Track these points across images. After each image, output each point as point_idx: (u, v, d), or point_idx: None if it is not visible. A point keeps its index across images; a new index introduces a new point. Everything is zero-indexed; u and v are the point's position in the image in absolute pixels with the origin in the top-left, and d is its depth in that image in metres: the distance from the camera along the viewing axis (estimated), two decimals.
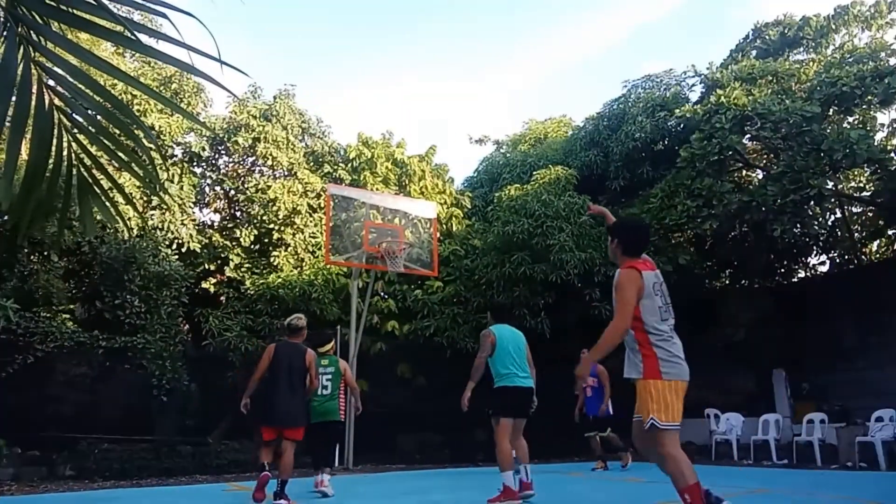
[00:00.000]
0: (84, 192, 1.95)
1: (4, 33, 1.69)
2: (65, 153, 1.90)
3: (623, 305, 3.41)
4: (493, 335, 5.61)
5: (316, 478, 6.55)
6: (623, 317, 3.39)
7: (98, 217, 2.01)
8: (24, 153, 1.90)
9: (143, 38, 1.86)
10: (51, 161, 1.86)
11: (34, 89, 1.74)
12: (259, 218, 12.64)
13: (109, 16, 1.66)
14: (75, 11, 1.73)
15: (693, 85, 14.59)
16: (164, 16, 1.67)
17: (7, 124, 1.68)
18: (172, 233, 11.55)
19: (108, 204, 2.02)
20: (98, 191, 2.01)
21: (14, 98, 1.64)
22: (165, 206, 11.42)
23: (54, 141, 1.85)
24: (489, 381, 5.61)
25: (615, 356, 3.74)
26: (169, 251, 11.09)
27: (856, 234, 13.57)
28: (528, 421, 5.70)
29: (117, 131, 2.00)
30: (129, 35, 1.68)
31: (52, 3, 1.75)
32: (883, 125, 13.17)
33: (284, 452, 5.66)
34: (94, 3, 1.66)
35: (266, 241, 12.81)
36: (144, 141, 2.08)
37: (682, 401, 3.41)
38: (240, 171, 13.69)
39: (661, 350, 3.40)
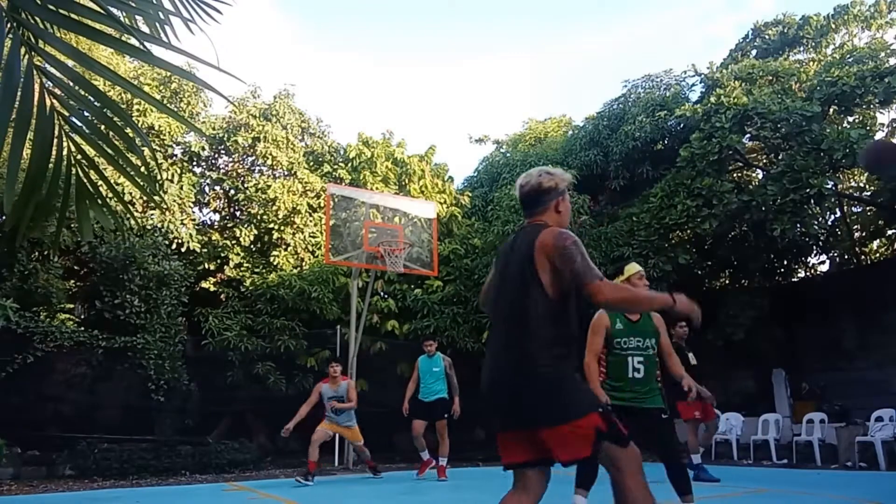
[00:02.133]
0: (82, 198, 1.95)
1: (9, 36, 1.68)
2: (64, 153, 1.91)
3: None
4: (416, 366, 8.38)
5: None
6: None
7: (96, 225, 2.02)
8: (25, 156, 1.90)
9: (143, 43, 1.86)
10: (51, 164, 1.86)
11: (36, 93, 1.74)
12: (259, 217, 12.63)
13: (114, 23, 1.65)
14: (77, 17, 1.73)
15: (693, 84, 14.59)
16: (167, 22, 1.66)
17: (10, 128, 1.67)
18: (172, 232, 11.55)
19: (105, 211, 2.02)
20: (96, 196, 2.01)
21: (17, 102, 1.64)
22: (165, 206, 11.43)
23: (55, 143, 1.85)
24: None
25: None
26: (168, 251, 11.09)
27: (856, 234, 13.57)
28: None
29: (115, 137, 2.00)
30: (133, 42, 1.67)
31: (53, 8, 1.75)
32: (883, 125, 13.18)
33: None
34: (101, 11, 1.66)
35: (266, 240, 12.81)
36: (145, 150, 2.08)
37: (328, 426, 8.09)
38: (239, 170, 13.68)
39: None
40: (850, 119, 12.09)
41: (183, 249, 11.69)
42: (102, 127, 1.94)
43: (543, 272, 2.31)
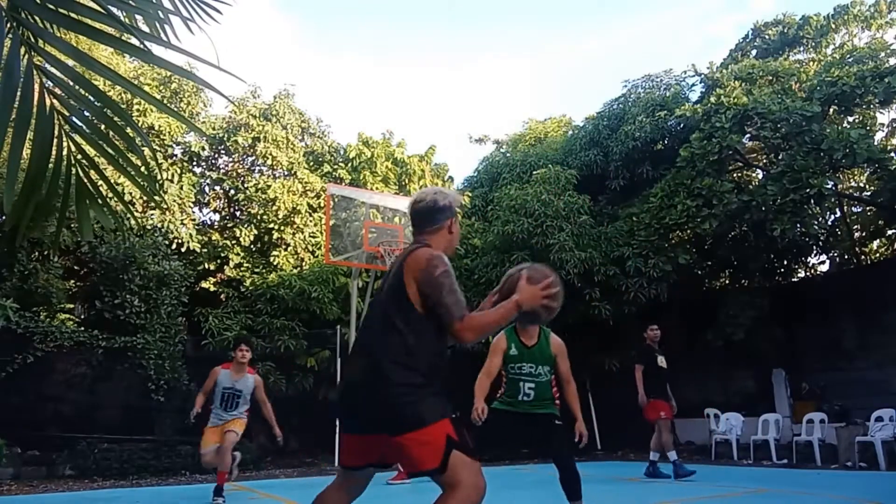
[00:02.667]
0: (82, 198, 1.95)
1: (9, 36, 1.69)
2: (64, 153, 1.91)
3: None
4: None
5: None
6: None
7: (96, 224, 2.02)
8: (25, 156, 1.90)
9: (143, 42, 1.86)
10: (51, 164, 1.86)
11: (36, 93, 1.75)
12: (259, 217, 12.64)
13: (115, 22, 1.65)
14: (77, 17, 1.73)
15: (693, 85, 14.57)
16: (167, 21, 1.66)
17: (10, 128, 1.68)
18: (172, 232, 11.56)
19: (105, 211, 2.02)
20: (96, 196, 2.01)
21: (17, 102, 1.64)
22: (165, 206, 11.45)
23: (54, 143, 1.85)
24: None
25: None
26: (168, 251, 11.10)
27: (856, 234, 13.56)
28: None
29: (116, 137, 2.00)
30: (133, 41, 1.67)
31: (53, 7, 1.75)
32: (883, 125, 13.18)
33: None
34: (101, 11, 1.66)
35: (266, 240, 12.82)
36: (145, 150, 2.08)
37: (215, 434, 6.66)
38: (239, 170, 13.70)
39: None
40: (850, 119, 12.08)
41: (183, 249, 11.70)
42: (102, 127, 1.94)
43: (411, 289, 2.29)
